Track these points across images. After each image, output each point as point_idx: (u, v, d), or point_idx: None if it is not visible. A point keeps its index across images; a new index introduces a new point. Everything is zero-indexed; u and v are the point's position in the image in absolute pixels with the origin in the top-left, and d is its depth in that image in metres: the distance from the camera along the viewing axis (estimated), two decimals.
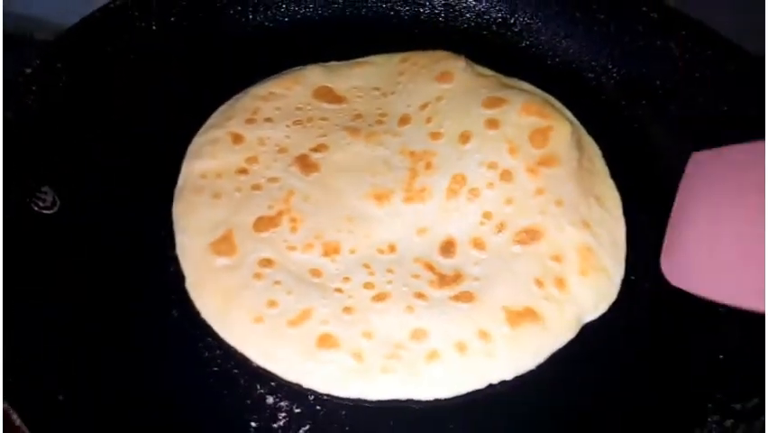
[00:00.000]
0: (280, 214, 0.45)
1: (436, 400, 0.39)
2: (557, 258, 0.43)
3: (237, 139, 0.50)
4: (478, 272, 0.43)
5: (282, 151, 0.49)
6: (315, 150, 0.49)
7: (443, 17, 0.61)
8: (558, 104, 0.53)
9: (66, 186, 0.45)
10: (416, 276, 0.43)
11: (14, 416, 0.31)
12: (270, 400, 0.39)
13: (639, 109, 0.54)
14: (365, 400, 0.39)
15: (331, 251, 0.44)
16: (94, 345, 0.39)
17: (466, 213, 0.45)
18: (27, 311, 0.39)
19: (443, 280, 0.43)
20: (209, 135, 0.50)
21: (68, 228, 0.44)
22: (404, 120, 0.51)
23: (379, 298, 0.42)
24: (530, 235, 0.44)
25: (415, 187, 0.47)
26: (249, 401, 0.39)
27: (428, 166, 0.48)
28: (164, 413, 0.38)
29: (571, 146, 0.48)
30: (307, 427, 0.38)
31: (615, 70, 0.56)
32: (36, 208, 0.43)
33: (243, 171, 0.48)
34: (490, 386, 0.40)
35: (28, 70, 0.46)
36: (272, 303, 0.41)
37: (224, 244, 0.44)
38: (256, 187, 0.47)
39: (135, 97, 0.50)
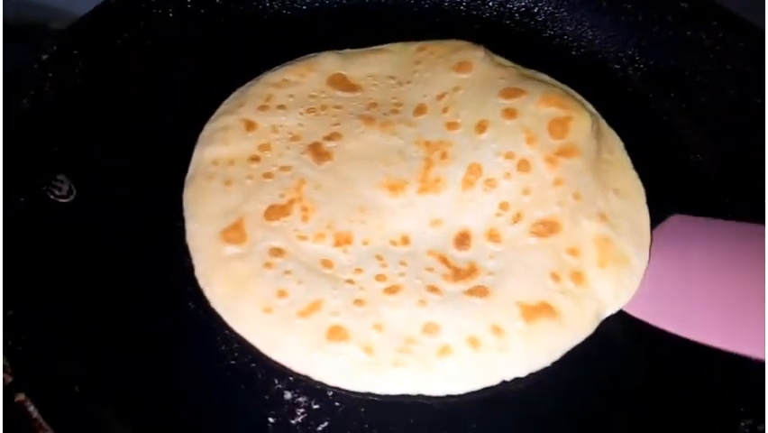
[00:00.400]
0: (292, 202, 0.45)
1: (448, 397, 0.38)
2: (574, 252, 0.42)
3: (250, 126, 0.49)
4: (493, 266, 0.42)
5: (295, 138, 0.49)
6: (329, 138, 0.49)
7: (464, 5, 0.60)
8: (578, 96, 0.51)
9: (82, 174, 0.44)
10: (430, 269, 0.42)
11: (32, 408, 0.31)
12: (288, 395, 0.38)
13: (667, 102, 0.53)
14: (377, 395, 0.38)
15: (343, 241, 0.44)
16: (109, 337, 0.39)
17: (482, 204, 0.44)
18: (43, 299, 0.38)
19: (458, 273, 0.42)
20: (221, 122, 0.49)
21: (85, 216, 0.43)
22: (420, 110, 0.50)
23: (392, 290, 0.41)
24: (547, 227, 0.43)
25: (429, 177, 0.46)
26: (267, 397, 0.38)
27: (443, 156, 0.47)
28: (180, 407, 0.37)
29: (590, 137, 0.46)
30: (326, 423, 0.37)
31: (642, 62, 0.55)
32: (52, 197, 0.43)
33: (255, 159, 0.47)
34: (504, 383, 0.39)
35: (44, 57, 0.46)
36: (282, 293, 0.41)
37: (234, 232, 0.43)
38: (268, 175, 0.47)
39: (151, 84, 0.50)
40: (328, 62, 0.54)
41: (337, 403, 0.38)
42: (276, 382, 0.39)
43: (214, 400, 0.38)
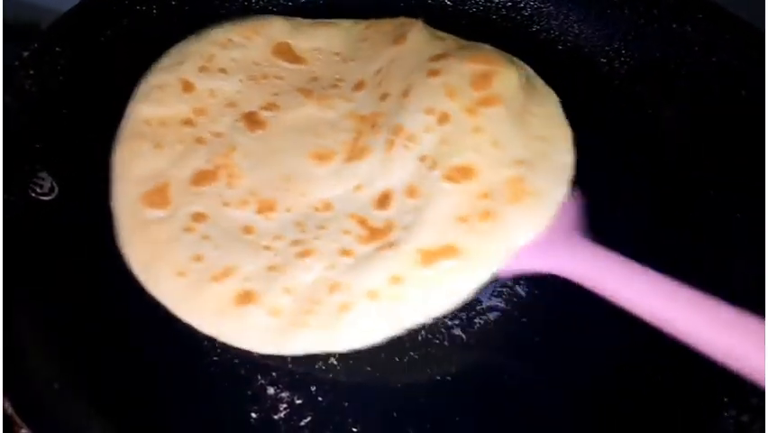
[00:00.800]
0: (219, 168, 0.44)
1: (356, 353, 0.38)
2: (487, 195, 0.41)
3: (187, 87, 0.48)
4: (408, 221, 0.41)
5: (231, 105, 0.48)
6: (266, 108, 0.48)
7: (450, 0, 0.60)
8: (515, 59, 0.50)
9: (64, 172, 0.44)
10: (347, 232, 0.42)
11: (7, 404, 0.30)
12: (272, 390, 0.38)
13: (653, 95, 0.53)
14: (288, 359, 0.39)
15: (266, 208, 0.43)
16: (89, 334, 0.39)
17: (404, 162, 0.43)
18: (23, 298, 0.38)
19: (373, 234, 0.41)
20: (158, 79, 0.49)
21: (66, 214, 0.43)
22: (359, 86, 0.50)
23: (304, 254, 0.41)
24: (461, 173, 0.41)
25: (357, 147, 0.46)
26: (249, 392, 0.38)
27: (373, 126, 0.46)
28: (162, 403, 0.37)
29: (516, 90, 0.45)
30: (309, 418, 0.37)
31: (628, 55, 0.54)
32: (34, 195, 0.42)
33: (189, 123, 0.47)
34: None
35: (26, 54, 0.45)
36: (198, 258, 0.41)
37: (157, 196, 0.43)
38: (200, 140, 0.46)
39: (134, 81, 0.49)
40: (276, 28, 0.53)
41: (320, 398, 0.38)
42: (259, 377, 0.39)
43: (197, 396, 0.38)
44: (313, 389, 0.38)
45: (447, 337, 0.41)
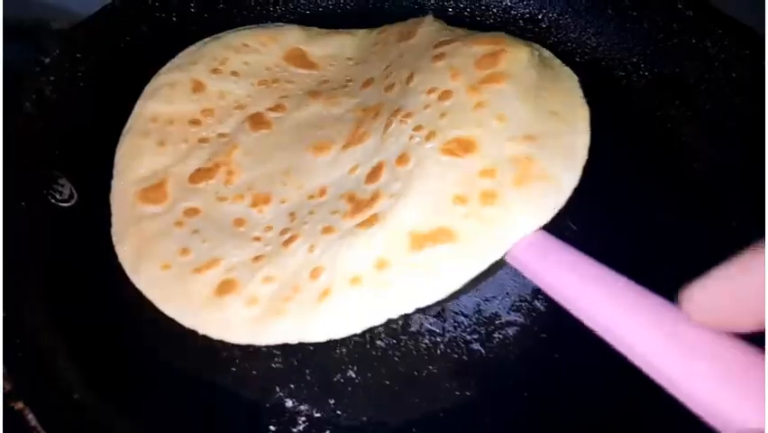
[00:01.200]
0: (218, 166, 0.44)
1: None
2: (489, 173, 0.36)
3: (198, 87, 0.48)
4: (395, 189, 0.37)
5: (239, 108, 0.48)
6: (272, 109, 0.48)
7: (468, 12, 0.60)
8: (534, 44, 0.46)
9: (83, 178, 0.44)
10: (335, 211, 0.39)
11: (30, 416, 0.30)
12: (290, 403, 0.38)
13: (672, 109, 0.52)
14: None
15: (260, 201, 0.42)
16: (110, 344, 0.39)
17: (399, 135, 0.40)
18: (44, 305, 0.38)
19: (358, 207, 0.38)
20: (170, 77, 0.48)
21: (85, 220, 0.43)
22: (367, 83, 0.49)
23: (290, 240, 0.39)
24: (461, 146, 0.37)
25: (357, 134, 0.44)
26: (268, 405, 0.38)
27: (375, 114, 0.44)
28: (180, 413, 0.37)
29: (526, 68, 0.41)
30: (328, 432, 0.37)
31: (647, 69, 0.54)
32: (53, 201, 0.42)
33: (196, 123, 0.47)
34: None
35: (46, 60, 0.45)
36: (185, 251, 0.40)
37: (154, 193, 0.43)
38: (204, 140, 0.46)
39: None
40: (292, 36, 0.53)
41: (339, 412, 0.38)
42: (277, 389, 0.38)
43: (216, 408, 0.38)
44: (332, 402, 0.38)
45: (466, 352, 0.41)
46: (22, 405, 0.31)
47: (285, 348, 0.40)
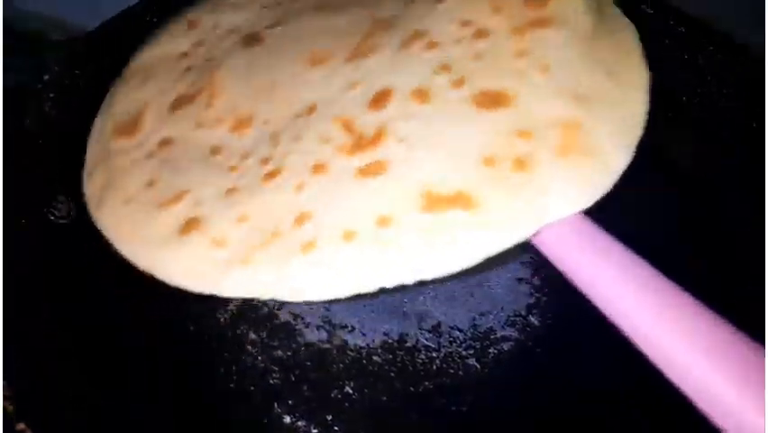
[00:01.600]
0: (201, 91, 0.39)
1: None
2: (526, 134, 0.31)
3: (192, 25, 0.44)
4: (406, 131, 0.32)
5: (233, 32, 0.43)
6: (269, 27, 0.42)
7: None
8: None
9: (82, 195, 0.44)
10: (326, 140, 0.33)
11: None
12: (288, 419, 0.38)
13: (665, 124, 0.53)
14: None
15: (240, 124, 0.36)
16: (113, 362, 0.39)
17: (418, 63, 0.34)
18: (44, 323, 0.38)
19: (358, 143, 0.32)
20: (168, 25, 0.45)
21: (83, 237, 0.43)
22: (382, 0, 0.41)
23: (271, 175, 0.33)
24: (494, 100, 0.32)
25: (363, 46, 0.37)
26: (265, 420, 0.38)
27: (388, 26, 0.37)
28: (179, 430, 0.37)
29: (581, 12, 0.36)
30: None
31: None
32: (52, 218, 0.43)
33: (184, 55, 0.42)
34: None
35: (46, 77, 0.45)
36: (151, 183, 0.35)
37: (130, 126, 0.39)
38: (189, 68, 0.41)
39: None
40: None
41: (336, 427, 0.38)
42: (275, 405, 0.39)
43: (212, 423, 0.38)
44: (329, 418, 0.38)
45: (462, 367, 0.41)
46: (24, 426, 0.31)
47: (283, 363, 0.41)
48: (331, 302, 0.37)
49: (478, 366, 0.41)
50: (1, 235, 0.39)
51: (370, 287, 0.29)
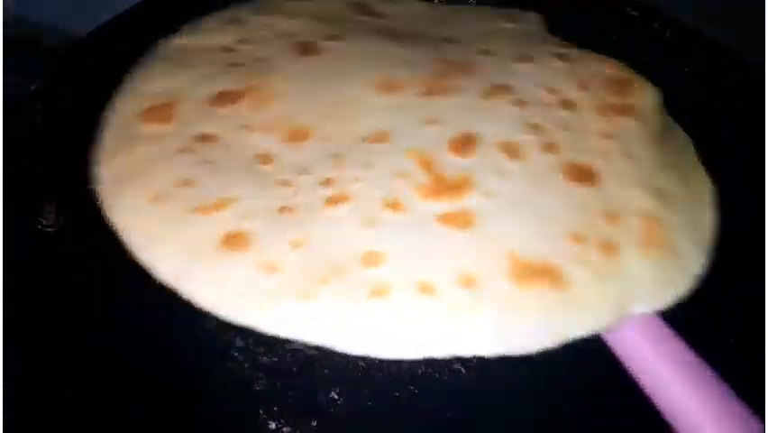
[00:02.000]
0: (250, 90, 0.35)
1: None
2: (612, 218, 0.30)
3: (236, 21, 0.42)
4: (495, 187, 0.30)
5: (282, 36, 0.40)
6: (327, 39, 0.39)
7: None
8: None
9: (69, 203, 0.44)
10: (402, 175, 0.31)
11: None
12: (273, 425, 0.38)
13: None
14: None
15: (296, 137, 0.33)
16: (107, 371, 0.39)
17: (506, 114, 0.33)
18: (33, 333, 0.38)
19: (440, 186, 0.30)
20: (207, 18, 0.43)
21: (71, 246, 0.43)
22: (449, 40, 0.41)
23: (335, 200, 0.30)
24: (583, 174, 0.31)
25: (439, 83, 0.35)
26: (250, 427, 0.38)
27: (465, 71, 0.36)
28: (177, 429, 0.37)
29: (655, 110, 0.37)
30: None
31: None
32: (40, 227, 0.43)
33: (228, 50, 0.39)
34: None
35: (33, 87, 0.46)
36: (186, 182, 0.31)
37: (161, 111, 0.35)
38: (235, 64, 0.38)
39: None
40: None
41: None
42: (260, 412, 0.39)
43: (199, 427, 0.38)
44: (314, 424, 0.38)
45: (447, 373, 0.41)
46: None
47: (269, 368, 0.41)
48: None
49: (463, 370, 0.41)
50: (0, 235, 0.39)
51: (442, 352, 0.28)
